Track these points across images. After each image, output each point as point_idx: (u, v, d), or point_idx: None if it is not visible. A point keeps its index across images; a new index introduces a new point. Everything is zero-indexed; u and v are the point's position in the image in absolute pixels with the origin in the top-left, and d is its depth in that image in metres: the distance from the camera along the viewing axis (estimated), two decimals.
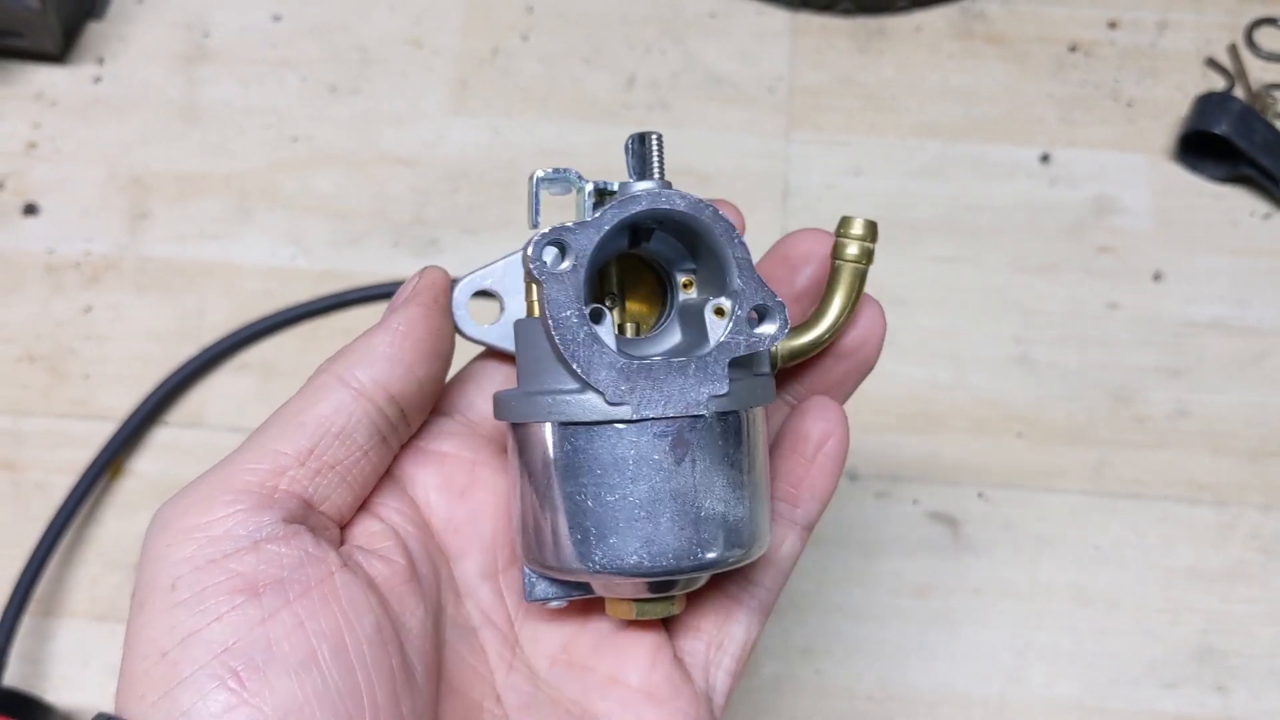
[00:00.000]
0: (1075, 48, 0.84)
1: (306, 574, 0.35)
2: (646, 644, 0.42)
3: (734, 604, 0.43)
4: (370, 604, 0.36)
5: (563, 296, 0.36)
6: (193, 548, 0.35)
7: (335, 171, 0.79)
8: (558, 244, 0.37)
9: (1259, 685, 0.66)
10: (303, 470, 0.37)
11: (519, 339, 0.40)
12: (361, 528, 0.40)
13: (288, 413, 0.38)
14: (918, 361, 0.74)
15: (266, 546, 0.35)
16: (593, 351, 0.36)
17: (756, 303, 0.38)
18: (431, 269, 0.41)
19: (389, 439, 0.40)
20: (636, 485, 0.37)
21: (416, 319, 0.39)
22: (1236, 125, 0.76)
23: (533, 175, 0.41)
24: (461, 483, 0.42)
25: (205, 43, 0.83)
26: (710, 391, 0.37)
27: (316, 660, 0.34)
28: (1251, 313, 0.75)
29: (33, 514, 0.68)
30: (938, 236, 0.77)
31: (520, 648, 0.42)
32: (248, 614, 0.34)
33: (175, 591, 0.34)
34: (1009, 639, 0.67)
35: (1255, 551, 0.69)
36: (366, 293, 0.74)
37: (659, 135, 0.40)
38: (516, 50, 0.83)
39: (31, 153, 0.79)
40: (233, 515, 0.36)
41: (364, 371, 0.38)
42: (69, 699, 0.64)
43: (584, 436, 0.37)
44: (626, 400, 0.36)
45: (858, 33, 0.84)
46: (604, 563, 0.37)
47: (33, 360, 0.73)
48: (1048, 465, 0.71)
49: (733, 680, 0.43)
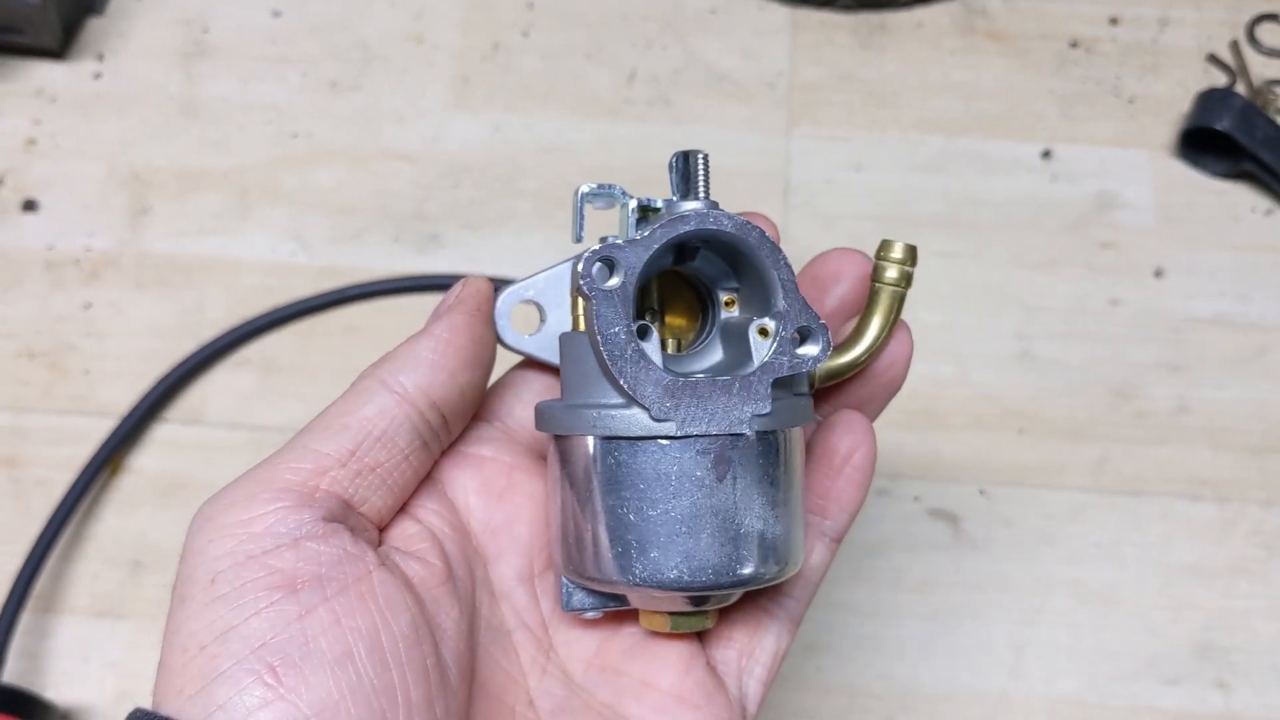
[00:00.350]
0: (1077, 44, 0.84)
1: (344, 571, 0.36)
2: (680, 651, 0.42)
3: (765, 615, 0.44)
4: (407, 603, 0.37)
5: (611, 313, 0.37)
6: (233, 543, 0.35)
7: (336, 167, 0.79)
8: (608, 261, 0.37)
9: (1260, 682, 0.66)
10: (344, 471, 0.38)
11: (564, 352, 0.41)
12: (399, 529, 0.40)
13: (331, 415, 0.39)
14: (919, 357, 0.72)
15: (305, 544, 0.36)
16: (639, 368, 0.37)
17: (800, 324, 0.38)
18: (474, 278, 0.42)
19: (430, 444, 0.40)
20: (678, 501, 0.37)
21: (460, 326, 0.40)
22: (1238, 121, 0.76)
23: (578, 190, 0.42)
24: (499, 486, 0.43)
25: (205, 38, 0.83)
26: (753, 411, 0.37)
27: (352, 657, 0.34)
28: (1253, 308, 0.75)
29: (33, 510, 0.68)
30: (939, 232, 0.77)
31: (555, 651, 0.43)
32: (285, 610, 0.34)
33: (215, 586, 0.35)
34: (1010, 635, 0.67)
35: (1257, 547, 0.69)
36: (367, 289, 0.74)
37: (704, 154, 0.40)
38: (517, 46, 0.83)
39: (31, 149, 0.79)
40: (273, 512, 0.36)
41: (407, 377, 0.39)
42: (69, 696, 0.64)
43: (627, 451, 0.38)
44: (671, 417, 0.37)
45: (859, 28, 0.84)
46: (644, 576, 0.38)
47: (33, 356, 0.72)
48: (1049, 462, 0.71)
49: (765, 689, 0.44)
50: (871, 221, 0.77)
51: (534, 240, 0.76)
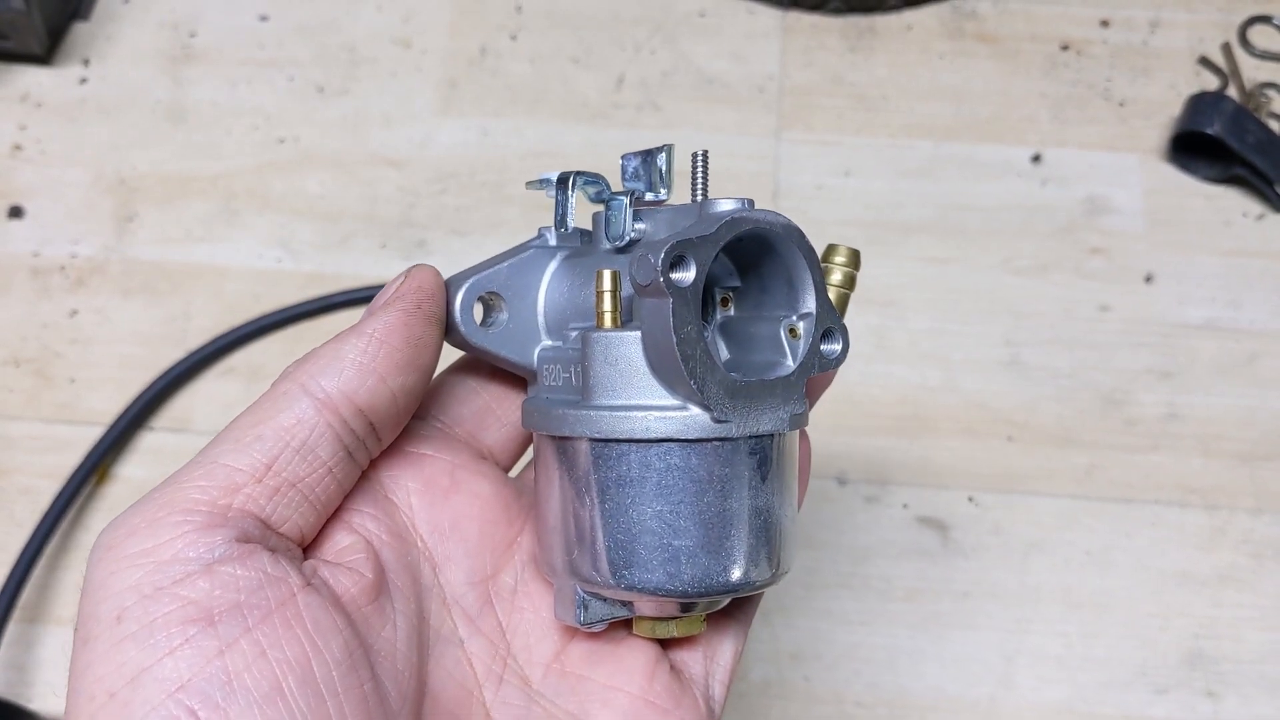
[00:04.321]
0: (1067, 47, 0.83)
1: (266, 597, 0.32)
2: (644, 655, 0.41)
3: (725, 617, 0.43)
4: (337, 625, 0.33)
5: (686, 311, 0.35)
6: (138, 574, 0.32)
7: (323, 173, 0.78)
8: (680, 257, 0.35)
9: (1249, 690, 0.66)
10: (259, 488, 0.34)
11: (593, 351, 0.37)
12: (328, 539, 0.37)
13: (243, 424, 0.35)
14: (907, 364, 0.73)
15: (220, 569, 0.32)
16: (708, 368, 0.36)
17: (827, 325, 0.39)
18: (420, 268, 0.38)
19: (356, 455, 0.36)
20: (728, 502, 0.37)
21: (395, 325, 0.36)
22: (1229, 126, 0.76)
23: (569, 176, 0.41)
24: (443, 485, 0.40)
25: (192, 43, 0.82)
26: (791, 411, 0.38)
27: (282, 691, 0.31)
28: (1243, 314, 0.75)
29: (18, 519, 0.68)
30: (928, 237, 0.77)
31: (513, 657, 0.40)
32: (203, 645, 0.31)
33: (122, 624, 0.31)
34: (998, 643, 0.67)
35: (1246, 555, 0.69)
36: (354, 295, 0.73)
37: (704, 152, 0.40)
38: (505, 50, 0.83)
39: (17, 155, 0.78)
40: (181, 537, 0.32)
41: (330, 381, 0.35)
42: (55, 707, 0.64)
43: (680, 454, 0.37)
44: (731, 418, 0.36)
45: (848, 32, 0.84)
46: (693, 580, 0.37)
47: (18, 364, 0.72)
48: (1038, 469, 0.71)
49: (726, 692, 0.43)
50: (861, 227, 0.77)
51: None
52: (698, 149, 0.41)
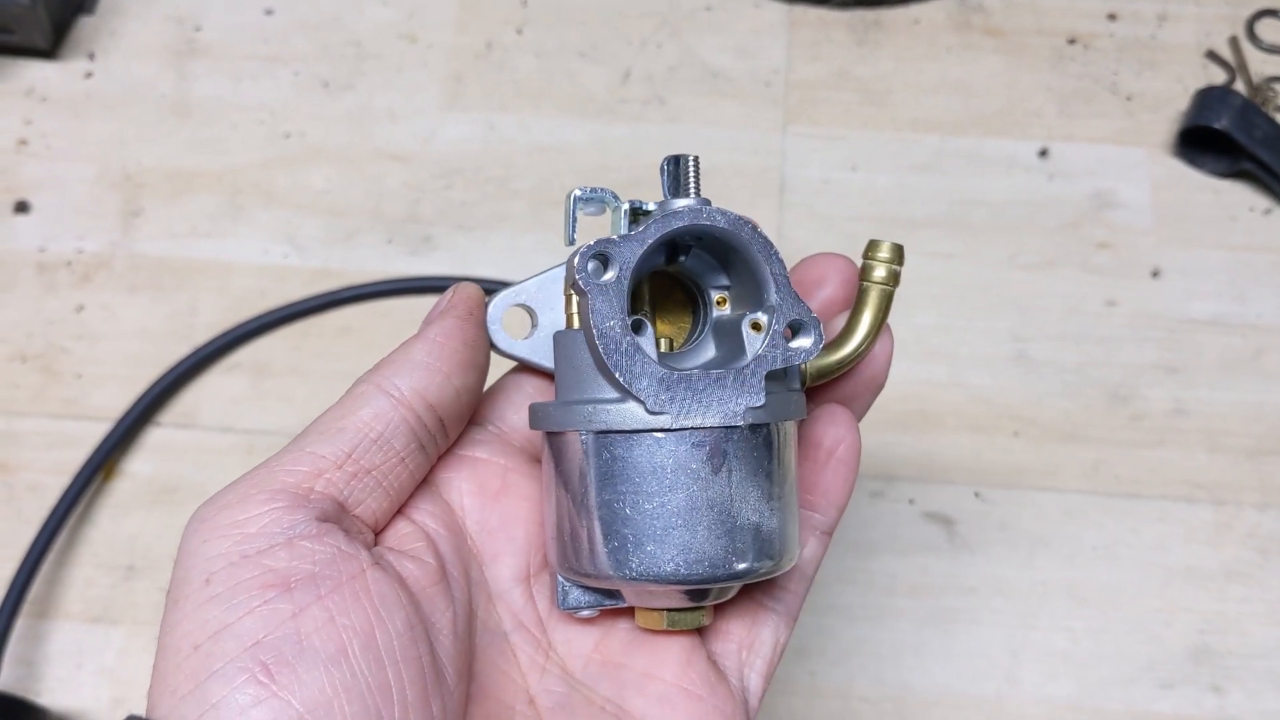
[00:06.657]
0: (1074, 40, 0.83)
1: (338, 570, 0.36)
2: (681, 644, 0.43)
3: (761, 609, 0.44)
4: (401, 601, 0.37)
5: (607, 307, 0.37)
6: (227, 544, 0.36)
7: (328, 168, 0.78)
8: (602, 256, 0.38)
9: (1255, 685, 0.66)
10: (340, 473, 0.38)
11: (558, 350, 0.41)
12: (393, 530, 0.40)
13: (328, 419, 0.39)
14: (914, 359, 0.73)
15: (299, 543, 0.36)
16: (635, 361, 0.37)
17: (793, 318, 0.39)
18: (464, 284, 0.43)
19: (427, 447, 0.40)
20: (674, 494, 0.38)
21: (453, 330, 0.41)
22: (1237, 120, 0.76)
23: (570, 194, 0.42)
24: (494, 488, 0.43)
25: (197, 37, 0.82)
26: (747, 404, 0.38)
27: (346, 655, 0.34)
28: (1251, 309, 0.75)
29: (26, 515, 0.68)
30: (934, 232, 0.77)
31: (553, 650, 0.43)
32: (279, 608, 0.34)
33: (209, 586, 0.35)
34: (1004, 639, 0.67)
35: (1252, 551, 0.69)
36: (360, 291, 0.73)
37: (695, 157, 0.41)
38: (511, 45, 0.82)
39: (22, 149, 0.78)
40: (268, 513, 0.36)
41: (403, 380, 0.39)
42: (63, 702, 0.64)
43: (622, 445, 0.38)
44: (666, 410, 0.37)
45: (855, 25, 0.83)
46: (640, 570, 0.38)
47: (25, 360, 0.72)
48: (1044, 464, 0.71)
49: (765, 683, 0.44)
50: (867, 222, 0.77)
51: (527, 242, 0.76)
52: (699, 150, 0.42)
